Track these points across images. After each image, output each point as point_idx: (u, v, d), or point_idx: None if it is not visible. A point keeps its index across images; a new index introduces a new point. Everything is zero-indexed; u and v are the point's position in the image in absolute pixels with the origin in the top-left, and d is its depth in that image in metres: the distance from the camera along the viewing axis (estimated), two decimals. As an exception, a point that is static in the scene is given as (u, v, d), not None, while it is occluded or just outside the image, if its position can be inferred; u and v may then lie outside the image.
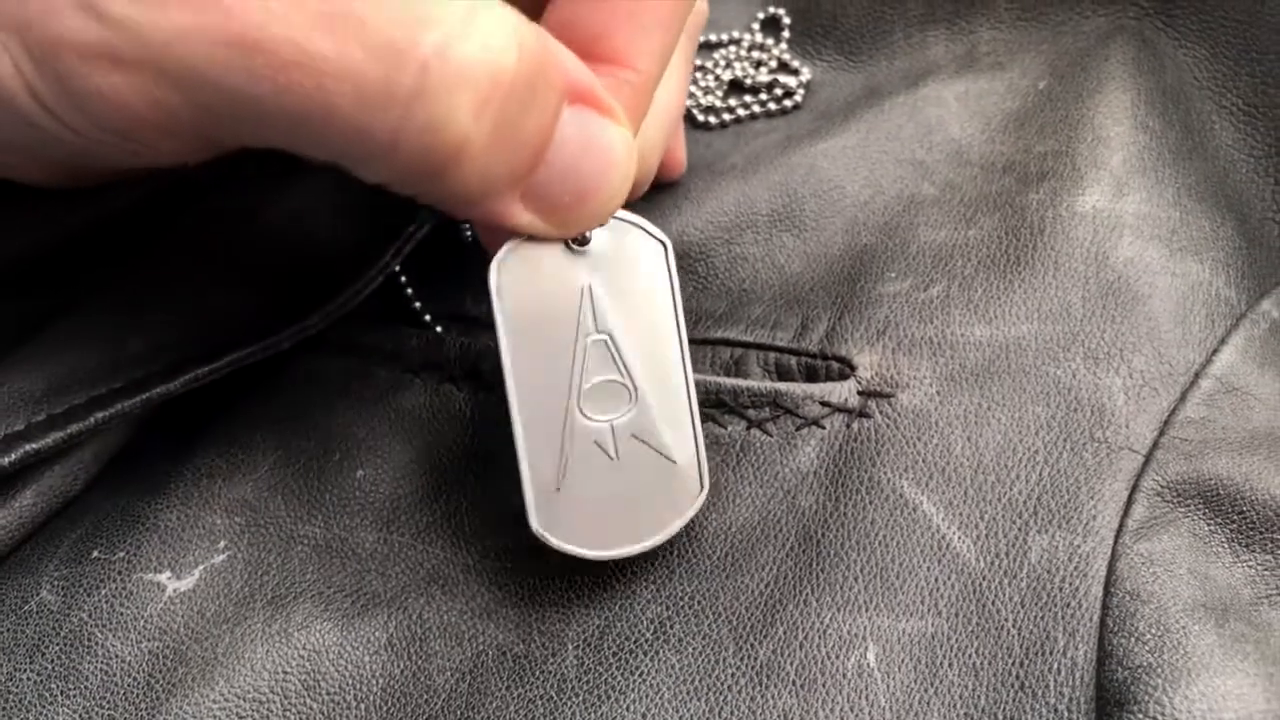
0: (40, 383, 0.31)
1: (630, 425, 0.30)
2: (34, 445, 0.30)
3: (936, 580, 0.28)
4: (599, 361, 0.29)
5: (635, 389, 0.30)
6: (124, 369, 0.31)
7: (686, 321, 0.34)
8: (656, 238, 0.30)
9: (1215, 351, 0.31)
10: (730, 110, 0.42)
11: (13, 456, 0.30)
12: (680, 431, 0.30)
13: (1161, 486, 0.29)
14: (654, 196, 0.37)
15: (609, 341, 0.29)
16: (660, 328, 0.30)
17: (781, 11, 0.44)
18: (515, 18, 0.24)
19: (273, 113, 0.23)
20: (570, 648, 0.29)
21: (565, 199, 0.27)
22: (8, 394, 0.31)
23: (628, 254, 0.30)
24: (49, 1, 0.22)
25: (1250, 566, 0.28)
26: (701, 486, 0.30)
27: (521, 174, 0.26)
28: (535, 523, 0.29)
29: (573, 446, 0.29)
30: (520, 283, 0.28)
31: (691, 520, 0.30)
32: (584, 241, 0.29)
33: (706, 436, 0.32)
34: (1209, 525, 0.28)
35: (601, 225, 0.29)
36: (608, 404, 0.29)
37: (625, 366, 0.29)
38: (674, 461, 0.30)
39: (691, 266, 0.36)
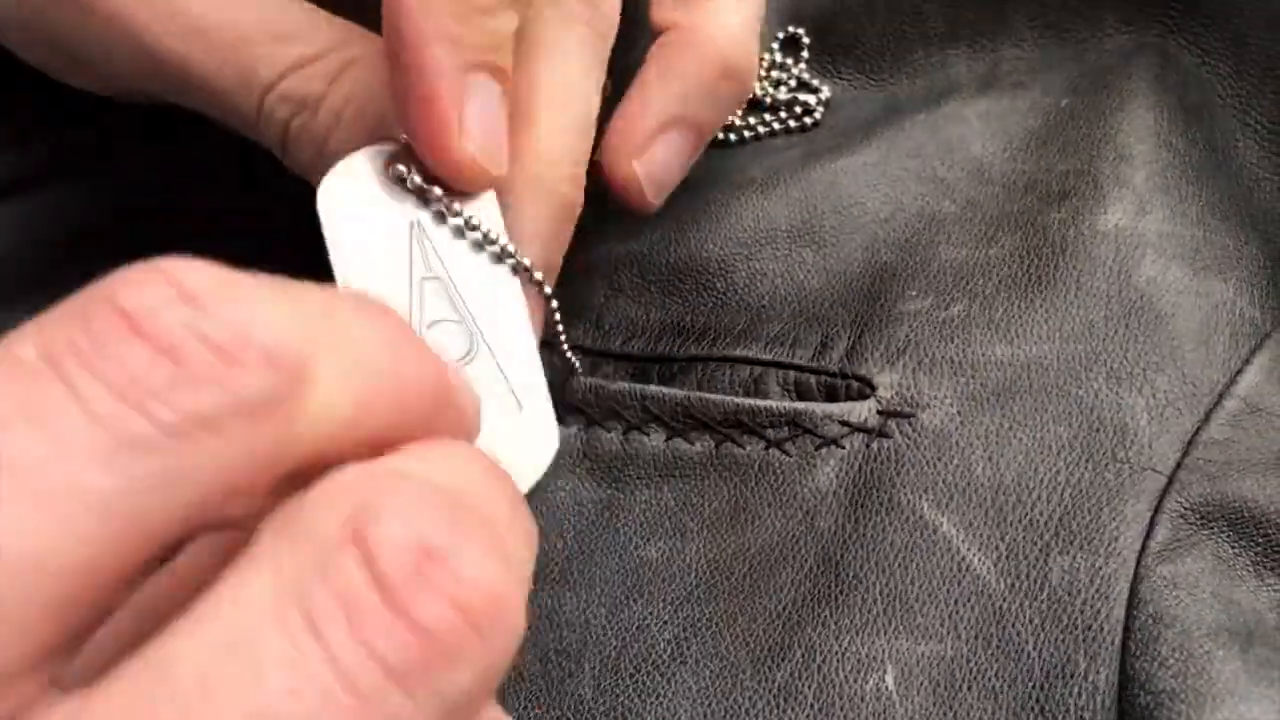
0: None
1: (474, 370, 0.28)
2: None
3: (956, 602, 0.28)
4: (437, 301, 0.28)
5: (479, 332, 0.28)
6: None
7: (705, 338, 0.34)
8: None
9: (1239, 372, 0.31)
10: (750, 128, 0.42)
11: None
12: (528, 380, 0.28)
13: (1185, 508, 0.28)
14: (669, 211, 0.36)
15: (446, 283, 0.28)
16: (499, 275, 0.28)
17: (801, 30, 0.44)
18: None
19: None
20: (587, 669, 0.29)
21: None
22: None
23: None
24: None
25: (1275, 590, 0.27)
26: (552, 441, 0.29)
27: None
28: None
29: None
30: (349, 214, 0.27)
31: (545, 474, 0.28)
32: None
33: (724, 457, 0.32)
34: (1233, 548, 0.28)
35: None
36: (449, 346, 0.28)
37: (467, 309, 0.28)
38: (521, 408, 0.28)
39: (710, 282, 0.36)
